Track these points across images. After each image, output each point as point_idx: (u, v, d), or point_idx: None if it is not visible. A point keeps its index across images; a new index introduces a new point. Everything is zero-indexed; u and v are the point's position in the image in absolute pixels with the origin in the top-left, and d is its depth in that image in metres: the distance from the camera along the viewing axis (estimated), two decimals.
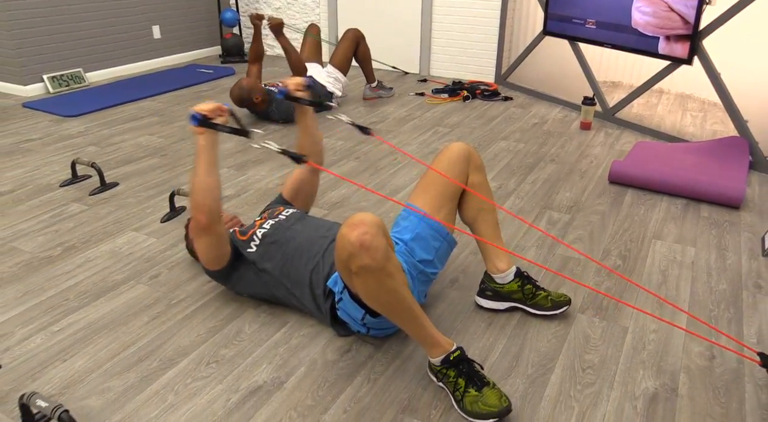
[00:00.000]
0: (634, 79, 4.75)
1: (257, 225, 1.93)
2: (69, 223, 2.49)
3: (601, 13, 3.76)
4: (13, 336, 1.79)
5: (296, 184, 2.13)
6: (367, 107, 4.22)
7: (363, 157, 3.27)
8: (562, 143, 3.51)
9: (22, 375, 1.63)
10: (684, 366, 1.69)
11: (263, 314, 1.91)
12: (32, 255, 2.24)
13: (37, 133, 3.59)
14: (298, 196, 2.14)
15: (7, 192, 2.78)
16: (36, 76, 4.44)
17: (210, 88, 4.66)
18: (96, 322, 1.86)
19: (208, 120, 1.66)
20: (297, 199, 2.14)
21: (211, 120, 1.66)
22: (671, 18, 3.34)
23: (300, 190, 2.13)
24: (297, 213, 1.99)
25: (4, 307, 1.93)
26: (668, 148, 3.21)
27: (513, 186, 2.91)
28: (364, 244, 1.40)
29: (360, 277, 1.45)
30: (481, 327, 1.86)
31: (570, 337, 1.81)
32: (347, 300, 1.65)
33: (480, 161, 1.92)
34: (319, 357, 1.72)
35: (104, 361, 1.69)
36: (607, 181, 2.97)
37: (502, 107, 4.25)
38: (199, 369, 1.67)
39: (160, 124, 3.79)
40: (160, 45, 5.36)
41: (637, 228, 2.49)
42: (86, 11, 4.67)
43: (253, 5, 5.85)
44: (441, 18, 4.98)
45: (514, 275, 1.87)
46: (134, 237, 2.38)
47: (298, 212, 2.02)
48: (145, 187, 2.84)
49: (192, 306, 1.94)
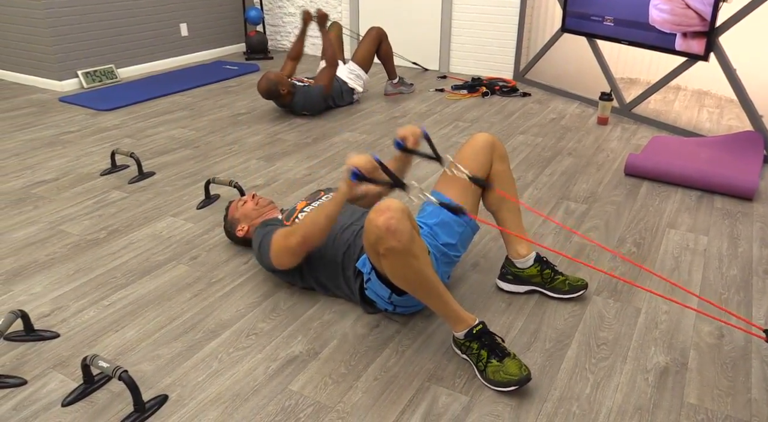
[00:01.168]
0: (651, 75, 4.82)
1: (298, 210, 2.06)
2: (111, 209, 2.65)
3: (618, 11, 3.84)
4: (69, 309, 1.94)
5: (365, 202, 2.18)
6: (389, 102, 4.34)
7: (386, 149, 3.39)
8: (580, 137, 3.60)
9: (78, 342, 1.78)
10: (694, 343, 1.79)
11: (297, 293, 2.04)
12: (80, 237, 2.40)
13: (74, 126, 3.76)
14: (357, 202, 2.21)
15: (52, 179, 2.95)
16: (71, 72, 4.63)
17: (236, 84, 4.82)
18: (143, 298, 2.01)
19: (366, 177, 1.65)
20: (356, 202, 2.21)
21: (369, 177, 1.65)
22: (688, 15, 3.41)
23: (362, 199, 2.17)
24: None
25: (59, 283, 2.09)
26: (683, 142, 3.29)
27: (531, 178, 3.01)
28: (390, 228, 1.52)
29: (387, 258, 1.57)
30: (501, 307, 1.98)
31: (585, 317, 1.92)
32: (375, 280, 1.78)
33: (504, 151, 2.03)
34: (349, 331, 1.85)
35: (153, 332, 1.84)
36: (623, 173, 3.06)
37: (520, 103, 4.35)
38: (239, 340, 1.80)
39: (190, 117, 3.95)
40: (188, 42, 5.53)
41: (651, 217, 2.59)
42: (118, 9, 4.85)
43: (277, 3, 6.00)
44: (460, 15, 5.08)
45: (534, 260, 1.98)
46: (173, 222, 2.53)
47: None
48: (180, 177, 3.00)
49: (230, 285, 2.08)
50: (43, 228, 2.47)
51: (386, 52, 4.36)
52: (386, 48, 4.36)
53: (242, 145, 3.45)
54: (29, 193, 2.80)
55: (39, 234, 2.42)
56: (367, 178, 1.65)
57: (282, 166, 3.14)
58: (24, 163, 3.16)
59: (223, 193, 2.79)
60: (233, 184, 2.60)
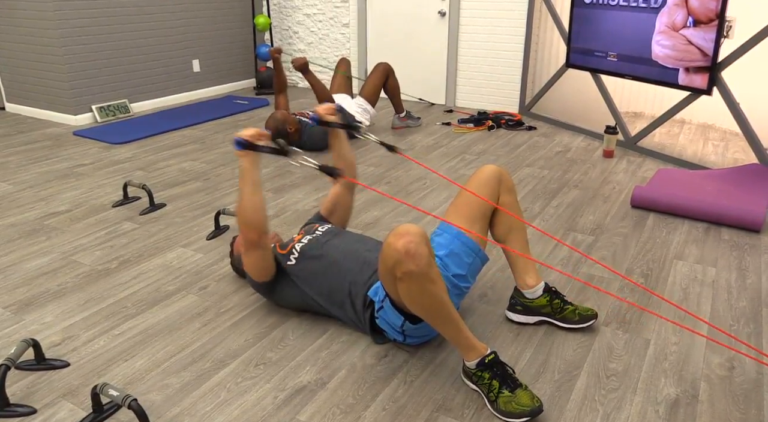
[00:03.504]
0: (655, 109, 4.88)
1: (295, 241, 2.09)
2: (123, 240, 2.68)
3: (622, 47, 3.92)
4: (79, 338, 1.96)
5: (332, 201, 2.30)
6: (396, 136, 4.41)
7: (394, 181, 3.44)
8: (585, 170, 3.64)
9: (88, 372, 1.79)
10: (704, 375, 1.78)
11: (305, 323, 2.05)
12: (91, 267, 2.43)
13: (88, 159, 3.84)
14: (334, 212, 2.30)
15: (65, 211, 3.00)
16: (85, 107, 4.74)
17: (246, 118, 4.91)
18: (153, 327, 2.02)
19: (250, 143, 1.84)
20: (333, 215, 2.30)
21: (253, 143, 1.85)
22: (690, 51, 3.48)
23: (336, 207, 2.30)
24: (333, 229, 2.15)
25: (70, 313, 2.11)
26: (690, 175, 3.32)
27: (538, 209, 3.04)
28: (409, 252, 1.55)
29: (404, 282, 1.59)
30: (509, 337, 1.97)
31: (594, 348, 1.91)
32: (388, 308, 1.79)
33: (511, 183, 2.05)
34: (358, 361, 1.85)
35: (162, 361, 1.84)
36: (629, 205, 3.08)
37: (526, 136, 4.40)
38: (248, 369, 1.81)
39: (201, 150, 4.02)
40: (200, 77, 5.66)
41: (658, 249, 2.59)
42: (132, 46, 4.99)
43: (287, 41, 6.15)
44: (466, 51, 5.20)
45: (543, 290, 1.99)
46: (183, 253, 2.56)
47: (334, 227, 2.17)
48: (190, 208, 3.04)
49: (239, 315, 2.10)
50: (55, 259, 2.50)
51: (393, 86, 4.45)
52: (393, 83, 4.45)
53: None
54: (43, 224, 2.85)
55: (51, 265, 2.45)
56: (252, 145, 1.83)
57: (290, 198, 3.18)
58: (38, 195, 3.22)
59: (233, 223, 2.83)
60: None
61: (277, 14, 6.12)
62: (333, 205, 2.31)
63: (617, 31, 3.94)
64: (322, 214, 2.31)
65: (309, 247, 2.03)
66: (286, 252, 2.05)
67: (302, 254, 2.01)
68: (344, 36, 5.79)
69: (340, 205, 2.31)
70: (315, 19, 5.90)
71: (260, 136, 1.87)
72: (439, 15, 5.21)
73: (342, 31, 5.79)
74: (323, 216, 2.30)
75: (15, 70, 4.91)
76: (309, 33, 6.00)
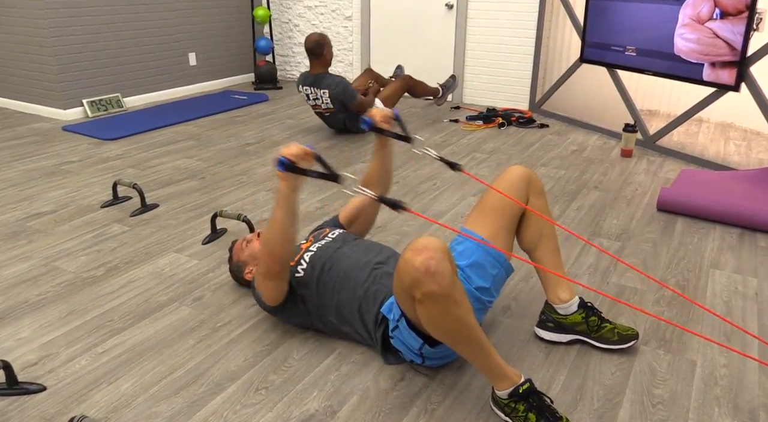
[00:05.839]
0: (671, 107, 4.68)
1: (303, 249, 1.88)
2: (111, 244, 2.47)
3: (641, 41, 3.72)
4: (58, 357, 1.75)
5: (357, 210, 2.07)
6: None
7: (402, 181, 3.23)
8: (604, 170, 3.44)
9: (67, 397, 1.59)
10: (762, 403, 1.58)
11: (311, 339, 1.84)
12: (75, 275, 2.22)
13: (77, 156, 3.62)
14: (354, 222, 2.08)
15: (50, 212, 2.79)
16: (76, 101, 4.52)
17: (245, 114, 4.70)
18: (141, 344, 1.81)
19: (294, 165, 1.55)
20: (353, 225, 2.08)
21: (298, 165, 1.56)
22: (716, 45, 3.28)
23: (359, 217, 2.08)
24: (344, 235, 1.94)
25: (49, 327, 1.89)
26: (715, 176, 3.12)
27: (558, 212, 2.84)
28: (429, 270, 1.34)
29: (424, 305, 1.38)
30: (539, 357, 1.77)
31: (635, 370, 1.71)
32: (404, 329, 1.59)
33: (541, 186, 1.86)
34: (371, 385, 1.65)
35: (150, 385, 1.64)
36: (654, 208, 2.88)
37: (538, 134, 4.20)
38: (248, 395, 1.60)
39: (197, 147, 3.81)
40: (196, 71, 5.44)
41: (692, 257, 2.40)
42: (125, 38, 4.77)
43: (287, 35, 5.93)
44: (474, 46, 4.99)
45: (578, 306, 1.79)
46: (176, 259, 2.35)
47: (345, 234, 1.96)
48: (185, 209, 2.83)
49: (238, 330, 1.89)
50: (36, 265, 2.29)
51: (418, 90, 4.46)
52: (417, 87, 4.44)
53: (251, 176, 3.30)
54: (25, 226, 2.63)
55: (32, 271, 2.24)
56: (297, 168, 1.54)
57: None
58: (21, 194, 3.00)
59: (231, 227, 2.62)
60: (242, 217, 2.43)
61: (277, 6, 5.89)
62: (356, 214, 2.08)
63: (636, 24, 3.74)
64: (339, 221, 2.09)
65: (318, 256, 1.82)
66: (293, 263, 1.84)
67: (311, 265, 1.80)
68: (347, 29, 5.57)
69: (364, 217, 2.08)
70: (317, 11, 5.68)
71: (307, 157, 1.57)
72: (446, 7, 5.00)
73: (345, 24, 5.57)
74: (340, 223, 2.08)
75: (1, 61, 4.68)
76: (310, 26, 5.78)
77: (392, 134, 1.86)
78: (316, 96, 3.94)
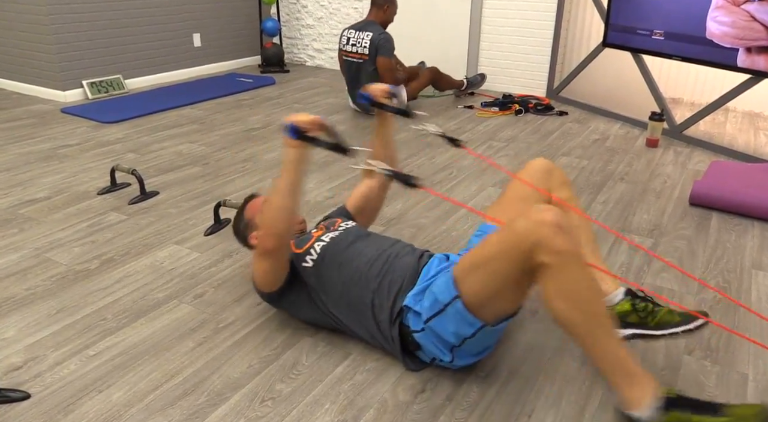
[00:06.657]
0: (696, 95, 4.47)
1: (314, 238, 1.72)
2: (107, 234, 2.31)
3: (670, 24, 3.51)
4: (45, 360, 1.60)
5: (364, 197, 1.95)
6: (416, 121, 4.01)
7: (416, 170, 3.06)
8: (629, 161, 3.25)
9: (54, 407, 1.43)
10: None
11: (322, 342, 1.69)
12: (68, 267, 2.06)
13: (74, 139, 3.45)
14: (363, 210, 1.95)
15: (44, 198, 2.63)
16: (75, 82, 4.34)
17: (251, 97, 4.51)
18: (136, 347, 1.66)
19: (304, 133, 1.47)
20: (362, 213, 1.95)
21: (308, 133, 1.48)
22: (753, 28, 3.08)
23: (367, 204, 1.96)
24: (357, 229, 1.78)
25: (37, 326, 1.74)
26: (748, 169, 2.93)
27: (583, 205, 2.66)
28: (561, 225, 1.23)
29: (553, 269, 1.24)
30: (573, 367, 1.61)
31: (679, 383, 1.55)
32: (455, 313, 1.40)
33: (564, 177, 1.74)
34: (389, 397, 1.49)
35: (145, 394, 1.48)
36: (686, 202, 2.70)
37: (557, 122, 4.01)
38: (252, 407, 1.45)
39: (201, 132, 3.64)
40: (201, 53, 5.25)
41: (731, 256, 2.22)
42: (127, 17, 4.58)
43: (294, 16, 5.73)
44: (490, 29, 4.78)
45: (624, 294, 1.62)
46: (176, 251, 2.19)
47: (358, 227, 1.80)
48: (186, 197, 2.66)
49: (242, 331, 1.73)
50: (26, 256, 2.13)
51: (443, 83, 4.38)
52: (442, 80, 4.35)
53: (256, 162, 3.13)
54: (16, 214, 2.47)
55: (21, 263, 2.09)
56: (307, 136, 1.47)
57: None
58: (14, 179, 2.84)
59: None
60: None
61: None
62: (364, 201, 1.96)
63: (665, 6, 3.53)
64: (348, 210, 1.95)
65: (330, 250, 1.66)
66: (302, 251, 1.68)
67: (321, 257, 1.64)
68: (356, 11, 5.36)
69: (371, 203, 1.97)
70: None
71: (318, 126, 1.49)
72: None
73: (354, 5, 5.36)
74: (349, 212, 1.94)
75: None
76: (318, 7, 5.57)
77: (391, 108, 1.82)
78: (356, 40, 3.89)
